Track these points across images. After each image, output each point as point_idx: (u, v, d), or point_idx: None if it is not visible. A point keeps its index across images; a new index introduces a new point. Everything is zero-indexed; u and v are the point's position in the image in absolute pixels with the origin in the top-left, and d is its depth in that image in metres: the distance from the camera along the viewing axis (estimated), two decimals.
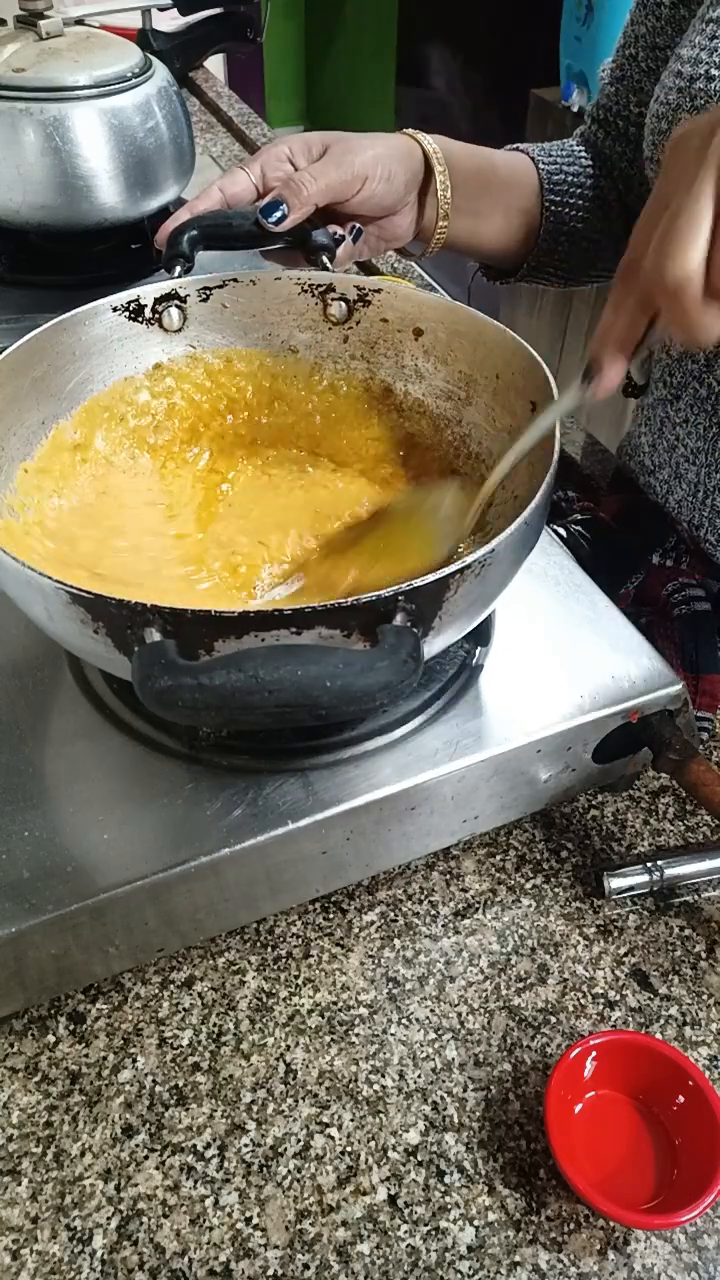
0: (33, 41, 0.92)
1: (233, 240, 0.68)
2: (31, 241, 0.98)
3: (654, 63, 0.76)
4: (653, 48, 0.76)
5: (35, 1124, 0.49)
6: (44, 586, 0.42)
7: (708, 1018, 0.53)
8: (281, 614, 0.40)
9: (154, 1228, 0.46)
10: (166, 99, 0.96)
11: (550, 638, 0.59)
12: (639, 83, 0.78)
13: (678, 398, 0.74)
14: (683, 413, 0.74)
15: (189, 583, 0.56)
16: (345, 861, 0.54)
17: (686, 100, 0.64)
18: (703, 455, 0.73)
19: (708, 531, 0.75)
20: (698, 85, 0.63)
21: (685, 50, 0.66)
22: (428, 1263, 0.45)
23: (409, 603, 0.42)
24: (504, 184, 0.79)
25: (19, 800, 0.51)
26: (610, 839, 0.60)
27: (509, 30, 2.61)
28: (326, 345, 0.67)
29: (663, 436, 0.77)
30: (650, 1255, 0.45)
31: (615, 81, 0.80)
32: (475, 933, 0.56)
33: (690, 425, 0.73)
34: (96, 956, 0.51)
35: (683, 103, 0.65)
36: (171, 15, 1.46)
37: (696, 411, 0.72)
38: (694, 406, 0.73)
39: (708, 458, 0.73)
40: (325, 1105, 0.49)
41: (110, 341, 0.63)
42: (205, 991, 0.53)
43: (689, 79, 0.64)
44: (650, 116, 0.69)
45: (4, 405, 0.56)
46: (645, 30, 0.76)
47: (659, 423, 0.78)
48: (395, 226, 0.73)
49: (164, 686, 0.38)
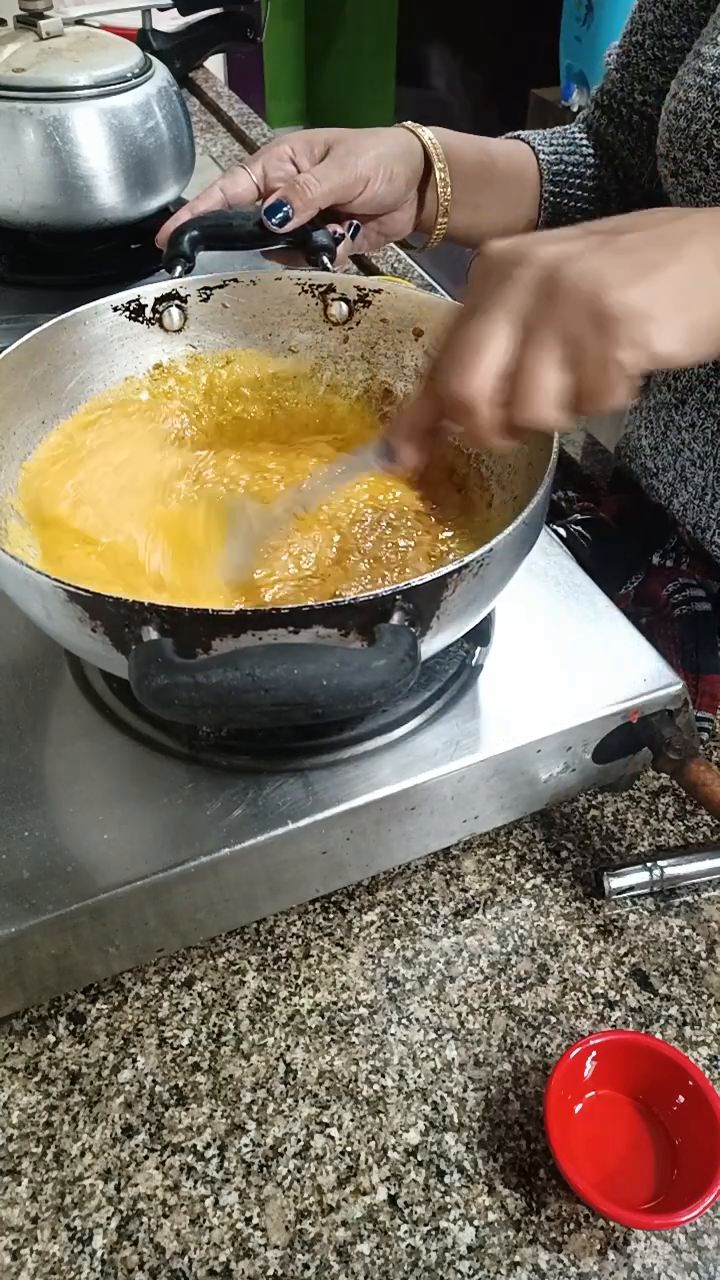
0: (33, 41, 0.92)
1: (234, 240, 0.68)
2: (31, 241, 0.98)
3: (660, 51, 0.76)
4: (659, 36, 0.76)
5: (35, 1124, 0.49)
6: (42, 585, 0.43)
7: (708, 1018, 0.53)
8: (279, 612, 0.40)
9: (154, 1228, 0.46)
10: (166, 99, 0.96)
11: (550, 638, 0.59)
12: (644, 70, 0.78)
13: (683, 402, 0.74)
14: (689, 417, 0.74)
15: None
16: (345, 861, 0.54)
17: (708, 99, 0.64)
18: (710, 460, 0.73)
19: (714, 534, 0.75)
20: (719, 86, 0.63)
21: (707, 48, 0.66)
22: (428, 1263, 0.45)
23: (406, 602, 0.42)
24: (503, 175, 0.79)
25: (19, 800, 0.51)
26: (610, 839, 0.60)
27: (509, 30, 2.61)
28: (326, 345, 0.67)
29: (667, 440, 0.77)
30: (650, 1255, 0.45)
31: (621, 68, 0.80)
32: (475, 933, 0.56)
33: (697, 429, 0.73)
34: (96, 956, 0.51)
35: (704, 101, 0.64)
36: (171, 15, 1.46)
37: (704, 416, 0.72)
38: (701, 411, 0.73)
39: (715, 462, 0.73)
40: (325, 1105, 0.49)
41: (110, 341, 0.63)
42: (205, 991, 0.53)
43: (711, 78, 0.64)
44: (667, 113, 0.69)
45: (4, 405, 0.56)
46: (653, 18, 0.76)
47: (663, 426, 0.78)
48: (395, 222, 0.73)
49: (161, 685, 0.38)
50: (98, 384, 0.63)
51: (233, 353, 0.67)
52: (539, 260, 0.39)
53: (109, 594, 0.41)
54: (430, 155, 0.72)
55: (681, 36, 0.75)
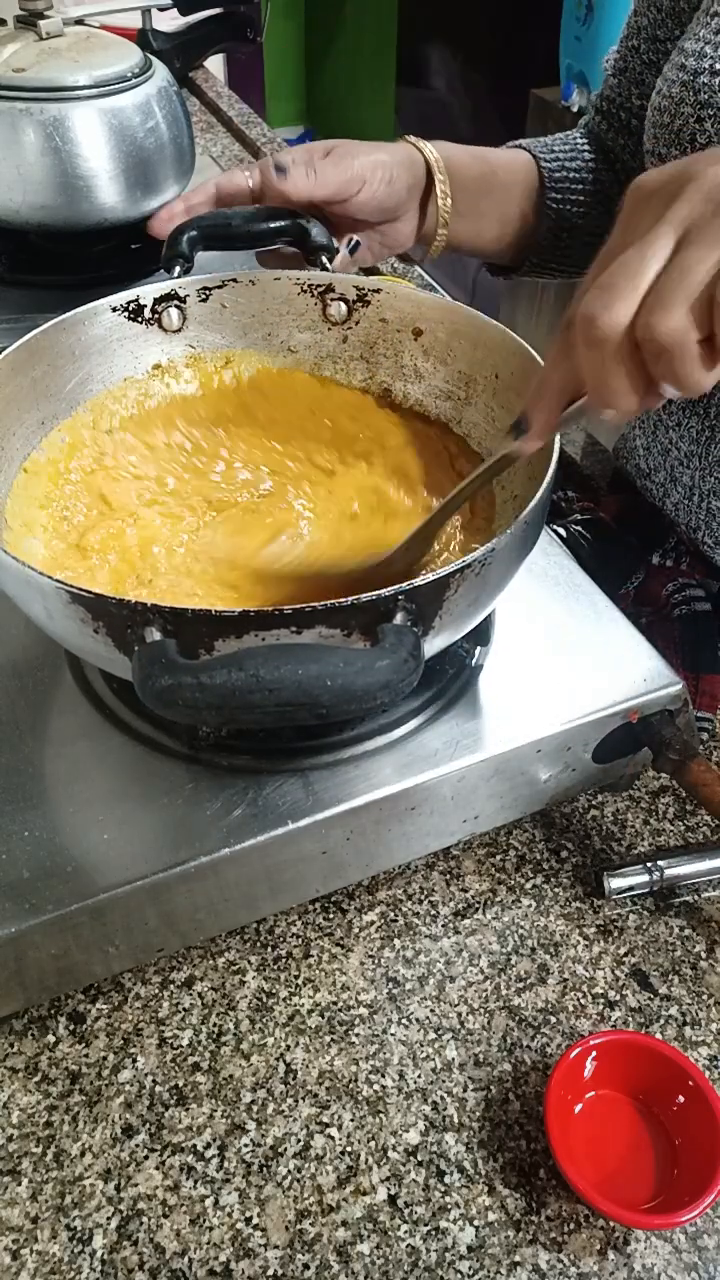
0: (33, 41, 0.92)
1: (232, 240, 0.68)
2: (31, 241, 0.98)
3: (655, 55, 0.76)
4: (653, 40, 0.76)
5: (35, 1124, 0.49)
6: (43, 586, 0.42)
7: (708, 1018, 0.53)
8: (282, 613, 0.40)
9: (154, 1228, 0.46)
10: (166, 99, 0.96)
11: (550, 638, 0.59)
12: (640, 75, 0.78)
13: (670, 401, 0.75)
14: (675, 416, 0.74)
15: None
16: (345, 861, 0.54)
17: (690, 94, 0.64)
18: (696, 459, 0.73)
19: (705, 534, 0.75)
20: (701, 79, 0.63)
21: (689, 44, 0.66)
22: (428, 1263, 0.45)
23: (409, 602, 0.42)
24: (504, 186, 0.79)
25: (19, 800, 0.51)
26: (610, 839, 0.60)
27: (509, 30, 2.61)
28: (326, 345, 0.67)
29: (656, 440, 0.77)
30: (650, 1255, 0.45)
31: (618, 73, 0.81)
32: (475, 933, 0.56)
33: (683, 429, 0.73)
34: (96, 956, 0.51)
35: (686, 96, 0.65)
36: (171, 15, 1.46)
37: (689, 415, 0.73)
38: (686, 410, 0.73)
39: (701, 461, 0.73)
40: (325, 1105, 0.49)
41: (110, 341, 0.63)
42: (205, 991, 0.53)
43: (693, 72, 0.64)
44: (652, 109, 0.69)
45: (4, 405, 0.56)
46: (646, 22, 0.77)
47: (652, 426, 0.78)
48: (397, 233, 0.74)
49: (164, 686, 0.38)
50: (97, 384, 0.63)
51: (232, 353, 0.67)
52: (713, 176, 0.36)
53: (111, 595, 0.41)
54: (431, 167, 0.72)
55: (675, 40, 0.75)
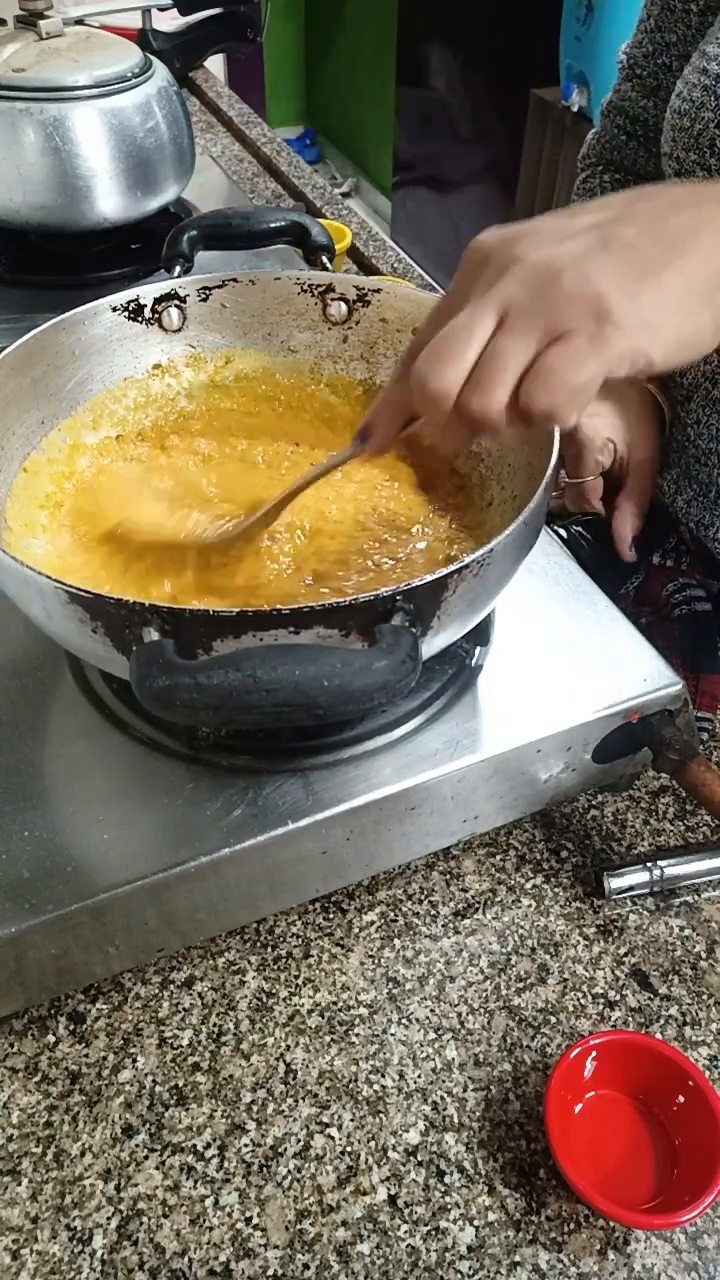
0: (33, 41, 0.92)
1: (232, 240, 0.68)
2: (31, 241, 0.98)
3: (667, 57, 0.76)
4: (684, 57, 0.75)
5: (35, 1124, 0.49)
6: (42, 586, 0.42)
7: (708, 1018, 0.53)
8: (280, 613, 0.40)
9: (154, 1228, 0.46)
10: (166, 99, 0.96)
11: (550, 637, 0.59)
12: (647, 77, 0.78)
13: (689, 399, 0.74)
14: (694, 414, 0.74)
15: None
16: (345, 861, 0.54)
17: (711, 99, 0.64)
18: (714, 456, 0.73)
19: (718, 530, 0.75)
20: None
21: (711, 48, 0.66)
22: (428, 1263, 0.45)
23: (407, 602, 0.42)
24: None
25: (19, 800, 0.51)
26: (610, 839, 0.60)
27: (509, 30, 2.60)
28: (326, 345, 0.67)
29: (672, 437, 0.77)
30: (650, 1255, 0.45)
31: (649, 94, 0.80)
32: (475, 933, 0.56)
33: (702, 426, 0.73)
34: (96, 956, 0.51)
35: (707, 101, 0.64)
36: (171, 15, 1.45)
37: (709, 413, 0.72)
38: (706, 408, 0.73)
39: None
40: (325, 1105, 0.49)
41: (110, 341, 0.63)
42: (205, 991, 0.53)
43: (715, 78, 0.64)
44: (671, 113, 0.69)
45: (4, 405, 0.56)
46: (675, 39, 0.76)
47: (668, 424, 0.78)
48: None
49: (162, 686, 0.38)
50: (97, 384, 0.63)
51: (232, 352, 0.67)
52: (534, 262, 0.38)
53: (109, 595, 0.41)
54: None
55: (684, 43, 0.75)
